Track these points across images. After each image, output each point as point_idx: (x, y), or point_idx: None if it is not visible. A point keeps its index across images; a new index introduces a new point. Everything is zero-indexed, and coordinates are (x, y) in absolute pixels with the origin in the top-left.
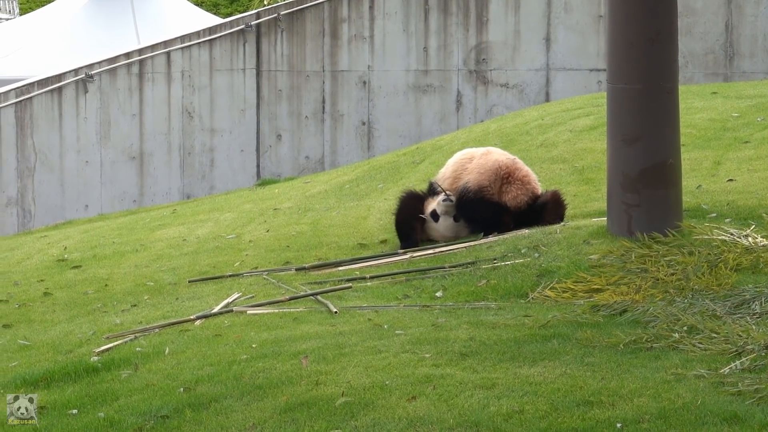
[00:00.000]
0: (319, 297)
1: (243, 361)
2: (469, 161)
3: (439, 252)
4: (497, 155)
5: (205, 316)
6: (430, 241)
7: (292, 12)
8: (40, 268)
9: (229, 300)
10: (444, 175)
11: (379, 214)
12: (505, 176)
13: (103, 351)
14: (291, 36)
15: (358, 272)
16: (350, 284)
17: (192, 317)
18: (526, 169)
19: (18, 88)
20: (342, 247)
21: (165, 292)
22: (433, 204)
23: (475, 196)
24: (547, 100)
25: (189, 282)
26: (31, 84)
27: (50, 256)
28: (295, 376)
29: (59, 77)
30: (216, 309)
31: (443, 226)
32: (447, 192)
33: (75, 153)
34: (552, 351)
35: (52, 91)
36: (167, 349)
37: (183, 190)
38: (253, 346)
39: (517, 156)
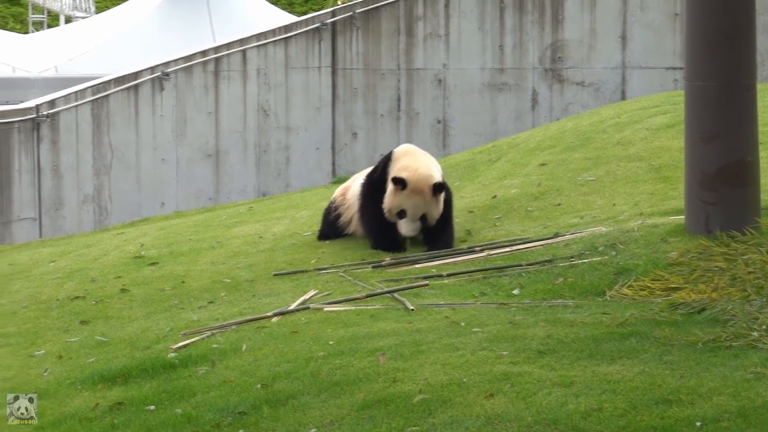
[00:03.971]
0: (395, 294)
1: (320, 358)
2: None
3: (516, 250)
4: None
5: (282, 313)
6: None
7: (368, 10)
8: (117, 264)
9: (306, 297)
10: None
11: (455, 212)
12: None
13: (180, 347)
14: (366, 34)
15: (434, 270)
16: (427, 282)
17: (269, 314)
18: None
19: (95, 85)
20: (418, 244)
21: (242, 289)
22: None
23: None
24: (623, 98)
25: (273, 275)
26: (108, 82)
27: (127, 253)
28: (372, 373)
29: (135, 75)
30: (293, 306)
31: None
32: None
33: (151, 151)
34: (630, 349)
35: (128, 88)
36: (244, 345)
37: (259, 188)
38: (330, 343)
39: (593, 155)
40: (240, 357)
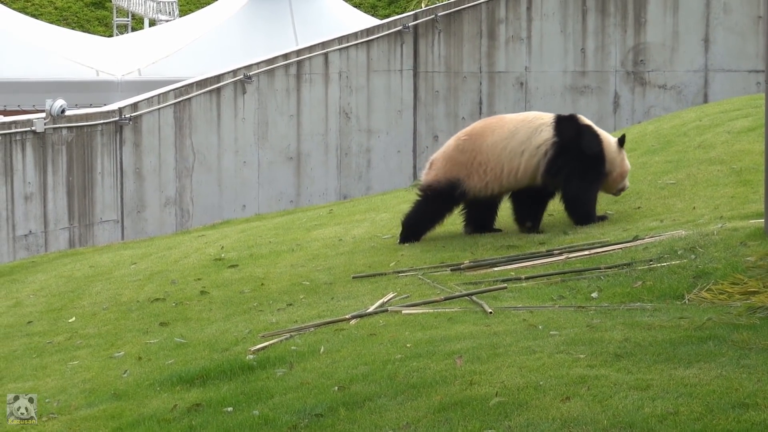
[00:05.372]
0: (474, 297)
1: (397, 361)
2: None
3: (595, 253)
4: None
5: (360, 316)
6: None
7: (450, 13)
8: (197, 267)
9: (384, 300)
10: None
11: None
12: None
13: (258, 349)
14: (448, 37)
15: (513, 273)
16: (505, 285)
17: (347, 316)
18: None
19: (177, 88)
20: (497, 247)
21: (320, 292)
22: None
23: None
24: (705, 101)
25: (353, 278)
26: (190, 85)
27: (207, 255)
28: (449, 376)
29: (218, 78)
30: (371, 309)
31: None
32: None
33: (233, 153)
34: (707, 353)
35: (210, 91)
36: (322, 348)
37: (340, 191)
38: (408, 345)
39: (674, 158)
40: (318, 359)
